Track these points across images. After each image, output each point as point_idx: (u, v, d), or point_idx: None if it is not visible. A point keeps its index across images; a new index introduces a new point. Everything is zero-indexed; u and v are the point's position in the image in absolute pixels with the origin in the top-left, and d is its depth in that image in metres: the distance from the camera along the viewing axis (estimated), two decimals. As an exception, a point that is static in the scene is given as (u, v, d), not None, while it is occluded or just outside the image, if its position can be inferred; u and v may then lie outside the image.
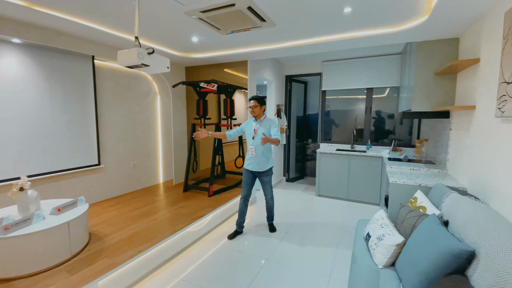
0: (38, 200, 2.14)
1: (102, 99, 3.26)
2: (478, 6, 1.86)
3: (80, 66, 2.96)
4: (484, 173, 1.87)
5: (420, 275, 1.43)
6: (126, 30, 2.55)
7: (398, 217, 2.02)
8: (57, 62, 2.77)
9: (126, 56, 1.42)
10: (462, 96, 2.44)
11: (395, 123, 4.53)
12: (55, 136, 2.79)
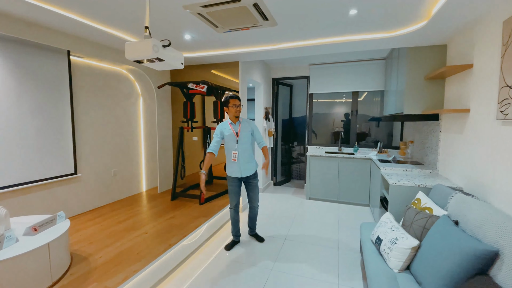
0: (7, 219, 1.81)
1: (79, 100, 2.92)
2: (474, 15, 1.95)
3: (54, 63, 2.62)
4: (483, 173, 1.96)
5: (444, 279, 1.42)
6: (109, 22, 2.29)
7: (406, 219, 2.03)
8: (27, 57, 2.41)
9: (138, 48, 1.23)
10: (452, 100, 2.56)
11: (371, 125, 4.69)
12: (24, 142, 2.42)
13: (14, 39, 2.27)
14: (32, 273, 1.61)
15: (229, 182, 2.65)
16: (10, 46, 2.29)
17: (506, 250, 1.29)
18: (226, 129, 2.56)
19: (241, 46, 3.03)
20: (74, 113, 2.83)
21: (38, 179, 2.54)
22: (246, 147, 2.58)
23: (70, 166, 2.81)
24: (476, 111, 2.08)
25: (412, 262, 1.74)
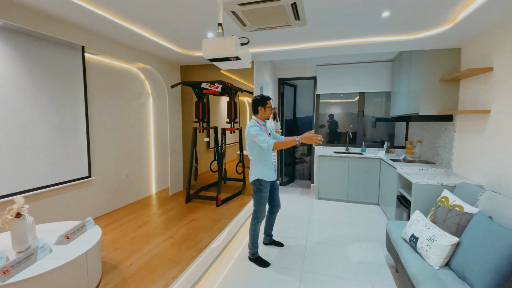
0: (34, 227, 1.69)
1: (92, 99, 2.78)
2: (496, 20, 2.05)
3: (68, 59, 2.47)
4: (508, 171, 2.05)
5: (491, 272, 1.47)
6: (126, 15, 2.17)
7: (438, 217, 2.09)
8: (41, 52, 2.26)
9: (219, 46, 1.18)
10: (468, 101, 2.67)
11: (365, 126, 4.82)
12: (37, 144, 2.26)
13: (27, 31, 2.11)
14: (70, 285, 1.50)
15: (265, 188, 2.32)
16: (23, 40, 2.13)
17: (557, 244, 1.35)
18: (263, 130, 2.32)
19: (260, 46, 3.00)
20: (88, 113, 2.69)
21: (52, 183, 2.39)
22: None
23: (84, 169, 2.66)
24: (499, 112, 2.17)
25: (451, 258, 1.79)
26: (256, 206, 2.35)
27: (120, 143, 3.17)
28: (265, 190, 2.33)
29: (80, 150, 2.61)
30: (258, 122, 2.36)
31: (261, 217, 2.38)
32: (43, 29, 2.06)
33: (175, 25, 2.34)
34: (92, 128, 2.78)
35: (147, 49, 2.98)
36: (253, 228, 2.37)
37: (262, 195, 2.32)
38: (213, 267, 2.35)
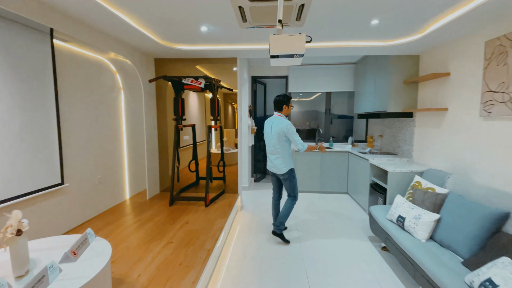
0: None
1: (63, 94, 2.38)
2: (458, 35, 2.50)
3: (36, 46, 2.06)
4: (464, 158, 2.54)
5: (471, 239, 1.83)
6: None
7: (416, 199, 2.45)
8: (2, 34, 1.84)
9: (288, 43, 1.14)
10: (426, 100, 3.18)
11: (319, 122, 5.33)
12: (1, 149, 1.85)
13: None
14: (90, 306, 1.31)
15: (295, 175, 2.75)
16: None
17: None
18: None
19: (248, 43, 3.00)
20: (59, 110, 2.29)
21: (19, 194, 1.98)
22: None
23: (57, 175, 2.27)
24: (455, 110, 2.66)
25: (434, 232, 2.15)
26: (295, 190, 2.75)
27: (93, 144, 2.80)
28: (295, 176, 2.75)
29: (51, 153, 2.22)
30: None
31: (297, 196, 2.79)
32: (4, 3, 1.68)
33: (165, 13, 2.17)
34: (64, 127, 2.38)
35: (122, 37, 2.66)
36: (292, 208, 2.77)
37: (295, 180, 2.74)
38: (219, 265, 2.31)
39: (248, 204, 3.94)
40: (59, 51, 2.34)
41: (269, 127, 2.74)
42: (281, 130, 2.57)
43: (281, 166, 2.66)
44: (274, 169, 2.74)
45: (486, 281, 1.39)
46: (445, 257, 1.86)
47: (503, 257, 1.47)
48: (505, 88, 2.09)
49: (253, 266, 2.32)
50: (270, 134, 2.72)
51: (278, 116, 2.68)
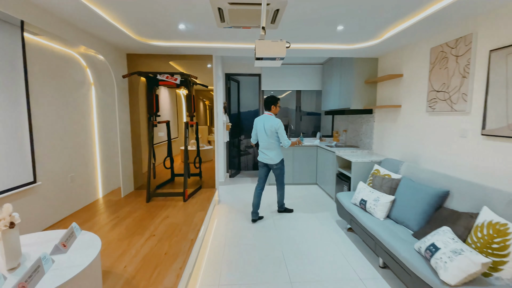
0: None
1: (33, 90, 2.27)
2: (408, 41, 2.89)
3: (5, 39, 1.96)
4: (415, 148, 2.96)
5: (420, 214, 2.19)
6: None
7: (375, 184, 2.80)
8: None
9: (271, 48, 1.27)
10: (384, 98, 3.59)
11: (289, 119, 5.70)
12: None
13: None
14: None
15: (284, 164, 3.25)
16: None
17: (452, 190, 2.14)
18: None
19: (223, 41, 3.11)
20: (30, 104, 2.19)
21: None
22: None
23: (29, 173, 2.18)
24: (407, 107, 3.07)
25: (390, 211, 2.50)
26: (283, 176, 3.29)
27: (64, 141, 2.70)
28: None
29: (22, 151, 2.12)
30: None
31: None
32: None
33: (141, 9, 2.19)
34: (35, 124, 2.28)
35: (94, 31, 2.60)
36: (284, 191, 3.39)
37: (284, 169, 3.27)
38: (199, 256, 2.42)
39: (225, 198, 4.06)
40: (29, 45, 2.23)
41: (262, 125, 3.16)
42: (273, 127, 3.05)
43: (275, 157, 3.14)
44: (269, 160, 3.16)
45: (430, 246, 1.71)
46: (399, 231, 2.20)
47: (444, 227, 1.81)
48: (446, 88, 2.49)
49: (234, 252, 2.47)
50: (263, 131, 3.14)
51: (268, 115, 3.14)
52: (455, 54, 2.37)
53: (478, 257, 1.43)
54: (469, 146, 2.27)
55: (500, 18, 1.98)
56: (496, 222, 1.62)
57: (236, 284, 2.02)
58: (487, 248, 1.59)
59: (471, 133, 2.24)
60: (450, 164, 2.47)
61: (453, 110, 2.40)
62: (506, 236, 1.55)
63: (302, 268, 2.23)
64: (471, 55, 2.21)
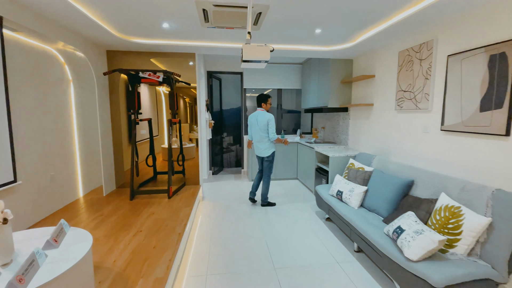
0: None
1: (12, 86, 2.20)
2: (379, 45, 3.14)
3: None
4: (384, 143, 3.23)
5: (389, 202, 2.43)
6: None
7: (350, 176, 3.03)
8: None
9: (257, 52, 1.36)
10: (358, 97, 3.85)
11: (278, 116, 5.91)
12: None
13: None
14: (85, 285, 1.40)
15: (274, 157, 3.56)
16: None
17: (416, 179, 2.40)
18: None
19: (206, 40, 3.17)
20: (9, 102, 2.13)
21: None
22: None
23: (9, 172, 2.12)
24: (379, 105, 3.34)
25: (363, 201, 2.73)
26: (271, 170, 3.56)
27: (44, 139, 2.63)
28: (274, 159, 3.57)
29: (2, 149, 2.07)
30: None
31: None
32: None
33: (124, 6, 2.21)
34: (15, 121, 2.22)
35: (74, 27, 2.56)
36: (269, 183, 3.58)
37: (273, 163, 3.55)
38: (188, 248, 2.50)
39: (209, 195, 4.14)
40: (7, 41, 2.16)
41: (255, 120, 3.46)
42: (265, 120, 3.38)
43: (266, 150, 3.46)
44: (260, 153, 3.51)
45: (396, 228, 1.93)
46: (371, 218, 2.42)
47: (409, 212, 2.04)
48: (411, 88, 2.76)
49: (220, 244, 2.58)
50: (256, 125, 3.46)
51: (261, 111, 3.47)
52: (419, 58, 2.63)
53: (436, 236, 1.66)
54: (431, 141, 2.54)
55: (457, 26, 2.25)
56: (452, 206, 1.88)
57: (224, 273, 2.13)
58: (444, 228, 1.84)
59: (432, 129, 2.52)
60: (415, 157, 2.74)
61: (417, 108, 2.67)
62: (459, 217, 1.80)
63: (285, 255, 2.39)
64: (432, 59, 2.48)
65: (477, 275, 1.57)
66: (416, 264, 1.64)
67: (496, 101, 1.92)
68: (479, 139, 2.07)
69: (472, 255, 1.75)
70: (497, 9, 1.92)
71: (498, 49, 1.90)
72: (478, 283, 1.58)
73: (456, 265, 1.62)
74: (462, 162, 2.22)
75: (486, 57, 1.99)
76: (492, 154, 1.97)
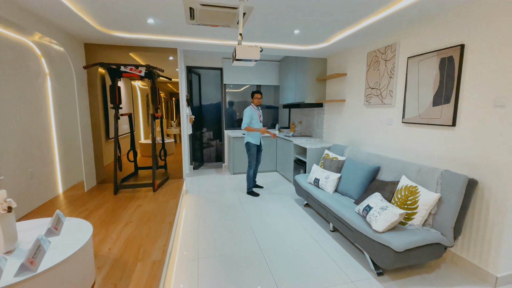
0: None
1: (-13, 78, 2.14)
2: (350, 46, 3.45)
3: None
4: (355, 135, 3.57)
5: (359, 186, 2.75)
6: None
7: (326, 165, 3.33)
8: None
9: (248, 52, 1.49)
10: (332, 94, 4.17)
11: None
12: None
13: None
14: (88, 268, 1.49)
15: (252, 149, 3.80)
16: None
17: (382, 166, 2.75)
18: (255, 113, 3.76)
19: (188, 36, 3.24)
20: (-12, 95, 2.07)
21: None
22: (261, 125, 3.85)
23: (-10, 166, 2.08)
24: (350, 101, 3.67)
25: (337, 186, 3.04)
26: (249, 158, 3.85)
27: (22, 135, 2.56)
28: (253, 149, 3.82)
29: (-20, 143, 2.02)
30: (253, 106, 3.80)
31: (252, 166, 3.87)
32: None
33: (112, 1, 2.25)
34: (-9, 114, 2.16)
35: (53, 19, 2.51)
36: (248, 173, 3.90)
37: (249, 153, 3.82)
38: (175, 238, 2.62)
39: (192, 189, 4.23)
40: (-20, 30, 2.09)
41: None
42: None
43: (245, 139, 3.85)
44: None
45: (366, 207, 2.23)
46: (344, 200, 2.72)
47: (376, 193, 2.35)
48: (378, 85, 3.10)
49: (208, 231, 2.73)
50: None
51: (250, 106, 3.83)
52: (385, 59, 2.97)
53: (397, 210, 1.97)
54: (394, 132, 2.90)
55: (415, 32, 2.59)
56: (410, 186, 2.21)
57: (214, 256, 2.29)
58: (404, 204, 2.17)
59: (395, 121, 2.88)
60: (381, 146, 3.10)
61: (383, 103, 3.02)
62: (416, 195, 2.14)
63: (269, 238, 2.60)
64: (395, 60, 2.82)
65: (430, 240, 1.91)
66: (381, 234, 1.94)
67: (445, 97, 2.29)
68: (432, 129, 2.43)
69: (426, 225, 2.10)
70: (446, 20, 2.27)
71: (447, 53, 2.26)
72: (430, 246, 1.92)
73: (413, 233, 1.95)
74: (418, 149, 2.59)
75: (437, 59, 2.35)
76: (441, 141, 2.34)
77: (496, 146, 1.90)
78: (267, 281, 1.96)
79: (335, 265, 2.17)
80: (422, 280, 1.99)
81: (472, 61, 2.06)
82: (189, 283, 1.93)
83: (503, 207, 1.87)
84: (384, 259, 1.89)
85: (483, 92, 1.98)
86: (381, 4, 2.24)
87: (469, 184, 1.98)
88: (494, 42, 1.90)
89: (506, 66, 1.83)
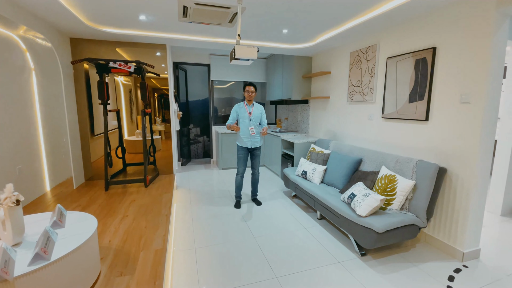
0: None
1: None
2: (334, 46, 3.65)
3: None
4: (338, 129, 3.80)
5: (344, 176, 2.97)
6: None
7: (312, 158, 3.53)
8: None
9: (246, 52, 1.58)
10: (317, 91, 4.37)
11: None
12: None
13: None
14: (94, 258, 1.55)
15: (239, 151, 3.25)
16: None
17: (364, 157, 2.98)
18: (242, 109, 3.20)
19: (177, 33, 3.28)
20: (-23, 90, 2.02)
21: None
22: (256, 125, 3.22)
23: (-20, 163, 2.04)
24: (334, 98, 3.88)
25: (324, 177, 3.24)
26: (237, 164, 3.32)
27: (9, 131, 2.51)
28: (240, 152, 3.25)
29: (-30, 139, 1.98)
30: (244, 103, 3.23)
31: (239, 172, 3.30)
32: None
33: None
34: (-20, 110, 2.11)
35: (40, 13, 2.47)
36: (235, 179, 3.34)
37: (238, 155, 3.28)
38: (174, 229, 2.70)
39: (182, 184, 4.29)
40: (-34, 23, 2.03)
41: None
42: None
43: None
44: None
45: (350, 194, 2.43)
46: (330, 190, 2.93)
47: (359, 182, 2.57)
48: (360, 83, 3.32)
49: (202, 223, 2.83)
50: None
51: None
52: (366, 59, 3.19)
53: (378, 196, 2.19)
54: (374, 126, 3.14)
55: (394, 35, 2.82)
56: (389, 175, 2.44)
57: (210, 245, 2.41)
58: (384, 191, 2.40)
59: (375, 117, 3.11)
60: (363, 140, 3.34)
61: (364, 100, 3.25)
62: (394, 183, 2.37)
63: (261, 227, 2.76)
64: (376, 60, 3.04)
65: (406, 222, 2.15)
66: (365, 218, 2.15)
67: (419, 94, 2.53)
68: (408, 124, 2.68)
69: (403, 209, 2.34)
70: (420, 24, 2.51)
71: (421, 54, 2.50)
72: (407, 227, 2.16)
73: (392, 216, 2.18)
74: (396, 142, 2.84)
75: (413, 60, 2.58)
76: (416, 134, 2.60)
77: (462, 138, 2.16)
78: (262, 265, 2.11)
79: (323, 248, 2.36)
80: (400, 258, 2.23)
81: (442, 62, 2.31)
82: (189, 270, 2.04)
83: (467, 191, 2.14)
84: (367, 240, 2.10)
85: (451, 90, 2.24)
86: (362, 9, 2.44)
87: (439, 172, 2.23)
88: (460, 46, 2.15)
89: (469, 66, 2.08)
